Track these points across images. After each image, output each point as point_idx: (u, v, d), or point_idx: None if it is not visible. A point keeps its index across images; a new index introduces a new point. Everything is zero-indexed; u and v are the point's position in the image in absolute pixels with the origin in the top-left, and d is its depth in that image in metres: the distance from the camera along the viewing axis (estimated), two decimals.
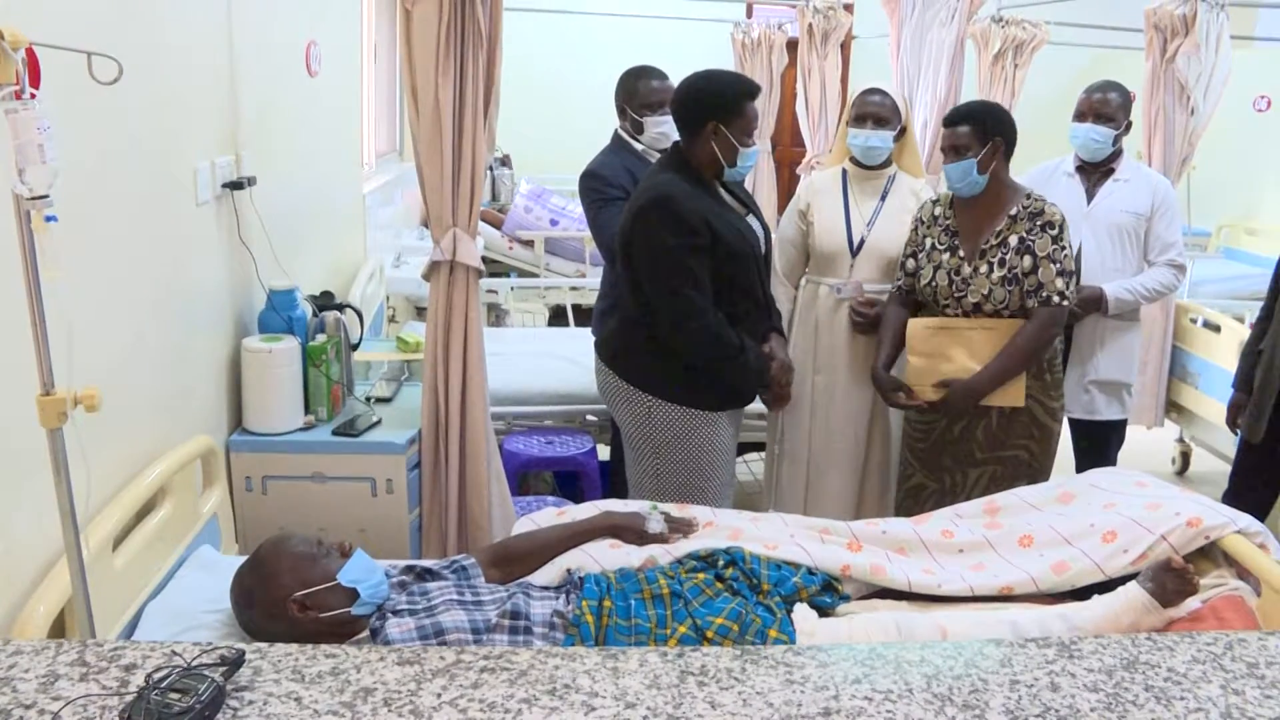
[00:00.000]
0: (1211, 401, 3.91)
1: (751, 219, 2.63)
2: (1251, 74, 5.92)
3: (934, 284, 2.68)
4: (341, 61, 3.83)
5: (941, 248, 2.69)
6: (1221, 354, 3.88)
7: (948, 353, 2.66)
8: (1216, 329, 3.94)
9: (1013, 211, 2.64)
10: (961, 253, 2.66)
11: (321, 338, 2.77)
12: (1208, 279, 5.58)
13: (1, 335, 1.57)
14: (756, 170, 7.13)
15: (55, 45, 1.28)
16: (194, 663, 1.13)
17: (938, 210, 2.76)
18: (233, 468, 2.59)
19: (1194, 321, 4.14)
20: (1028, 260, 2.60)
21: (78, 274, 1.78)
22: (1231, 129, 5.63)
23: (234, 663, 1.14)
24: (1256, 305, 3.27)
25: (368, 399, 2.94)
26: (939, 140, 4.83)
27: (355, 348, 3.00)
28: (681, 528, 2.23)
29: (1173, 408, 4.24)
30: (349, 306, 3.01)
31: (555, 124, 7.36)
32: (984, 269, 2.62)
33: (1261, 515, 2.12)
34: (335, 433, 2.68)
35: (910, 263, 2.78)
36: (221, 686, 1.09)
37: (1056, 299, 2.60)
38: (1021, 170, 2.76)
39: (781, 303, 3.10)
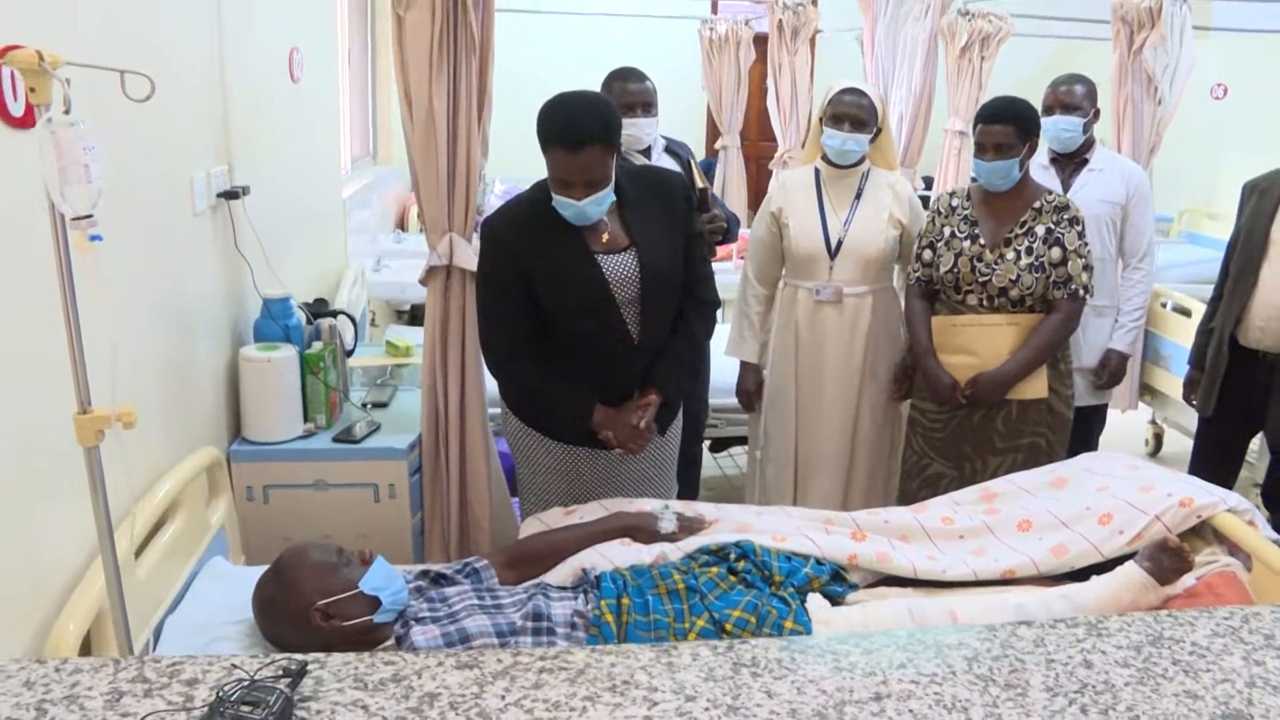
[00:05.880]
0: (1182, 383, 4.01)
1: (628, 254, 2.28)
2: (1209, 63, 6.06)
3: (955, 270, 2.76)
4: (321, 66, 3.81)
5: (961, 236, 2.78)
6: (1191, 337, 3.97)
7: (972, 347, 2.74)
8: (1187, 313, 4.04)
9: (1036, 204, 2.75)
10: (982, 240, 2.75)
11: (318, 345, 2.77)
12: (1172, 264, 5.71)
13: (9, 356, 1.56)
14: (726, 165, 7.16)
15: (89, 65, 1.28)
16: (257, 675, 1.15)
17: (955, 201, 2.86)
18: (234, 478, 2.58)
19: (1164, 305, 4.24)
20: (1056, 252, 2.70)
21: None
22: (1191, 117, 5.75)
23: (297, 674, 1.15)
24: None
25: (364, 405, 2.94)
26: (915, 133, 4.94)
27: (350, 354, 3.00)
28: (693, 526, 2.26)
29: (1145, 390, 4.34)
30: (343, 313, 3.01)
31: (526, 122, 7.31)
32: (1010, 256, 2.71)
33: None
34: (336, 440, 2.68)
35: (927, 253, 2.84)
36: (289, 698, 1.11)
37: (1082, 292, 2.72)
38: None
39: (752, 305, 3.07)
